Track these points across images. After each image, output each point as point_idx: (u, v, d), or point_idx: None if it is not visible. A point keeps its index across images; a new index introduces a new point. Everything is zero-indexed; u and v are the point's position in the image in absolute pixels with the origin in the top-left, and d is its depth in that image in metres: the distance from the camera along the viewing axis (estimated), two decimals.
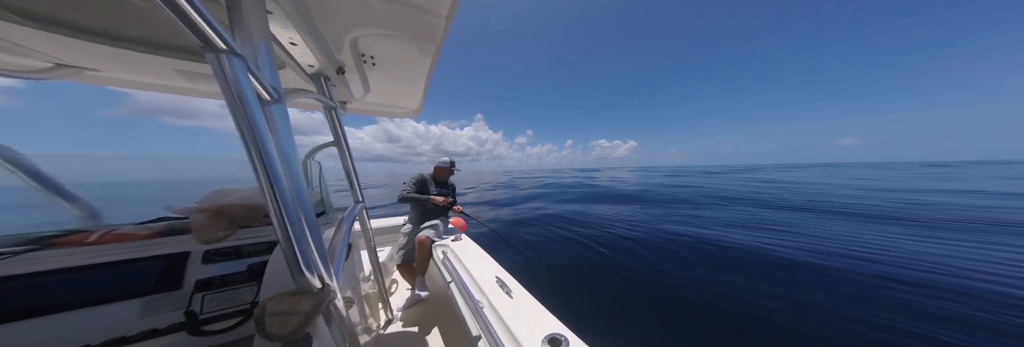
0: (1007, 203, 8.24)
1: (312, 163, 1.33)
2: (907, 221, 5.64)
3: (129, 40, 0.72)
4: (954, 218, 5.90)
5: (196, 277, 0.89)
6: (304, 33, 0.72)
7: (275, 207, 0.45)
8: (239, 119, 0.39)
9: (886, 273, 3.17)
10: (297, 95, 0.68)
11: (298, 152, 0.55)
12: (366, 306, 1.27)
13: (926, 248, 4.02)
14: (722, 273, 3.22)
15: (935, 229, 5.09)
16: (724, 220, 6.10)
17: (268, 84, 0.48)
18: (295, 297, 0.51)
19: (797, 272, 3.19)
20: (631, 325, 2.26)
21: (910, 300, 2.57)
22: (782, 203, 8.24)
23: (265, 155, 0.42)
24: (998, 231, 4.99)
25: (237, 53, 0.38)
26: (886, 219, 5.83)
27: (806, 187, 12.92)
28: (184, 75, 0.96)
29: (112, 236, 0.83)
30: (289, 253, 0.49)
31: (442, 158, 2.13)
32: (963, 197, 9.15)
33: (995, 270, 3.26)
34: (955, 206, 7.76)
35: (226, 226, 0.90)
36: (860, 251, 3.90)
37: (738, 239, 4.57)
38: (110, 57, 0.79)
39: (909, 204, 8.01)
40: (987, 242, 4.40)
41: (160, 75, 0.98)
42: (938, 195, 9.47)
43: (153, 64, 0.85)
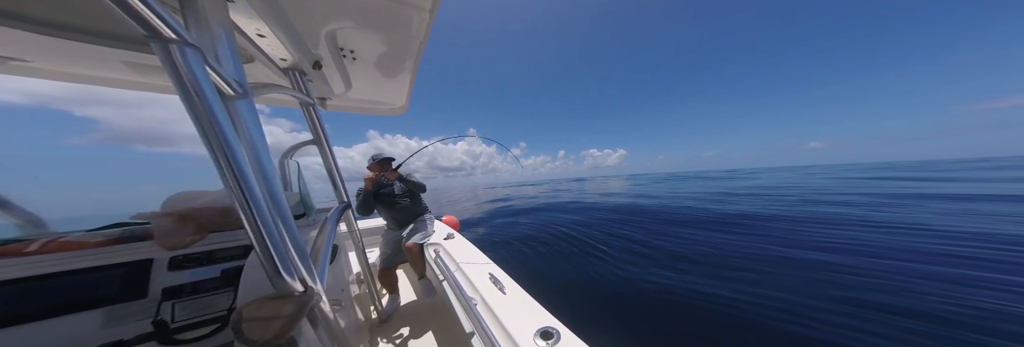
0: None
1: (290, 163, 1.26)
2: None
3: (61, 27, 0.63)
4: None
5: (163, 285, 0.83)
6: (272, 24, 0.67)
7: (245, 209, 0.42)
8: (197, 115, 0.36)
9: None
10: (267, 90, 0.64)
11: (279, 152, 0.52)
12: (357, 308, 1.25)
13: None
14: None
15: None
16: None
17: (230, 78, 0.44)
18: (276, 301, 0.49)
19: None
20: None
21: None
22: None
23: (230, 154, 0.39)
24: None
25: (190, 43, 0.35)
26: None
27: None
28: (133, 67, 0.87)
29: (57, 245, 0.75)
30: (266, 256, 0.46)
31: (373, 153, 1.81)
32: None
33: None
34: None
35: (194, 231, 0.84)
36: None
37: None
38: (40, 46, 0.70)
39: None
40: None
41: (105, 67, 0.87)
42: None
43: (94, 55, 0.76)
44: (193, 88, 0.36)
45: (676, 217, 6.71)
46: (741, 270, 3.28)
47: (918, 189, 11.41)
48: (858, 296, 2.60)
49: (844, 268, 3.23)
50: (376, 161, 1.75)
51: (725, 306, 2.48)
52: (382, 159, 1.76)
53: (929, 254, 3.65)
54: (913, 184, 14.30)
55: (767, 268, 3.31)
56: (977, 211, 6.59)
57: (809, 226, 5.28)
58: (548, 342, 0.76)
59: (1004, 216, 6.01)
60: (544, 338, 0.78)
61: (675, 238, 4.77)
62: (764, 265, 3.41)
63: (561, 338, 0.78)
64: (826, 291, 2.71)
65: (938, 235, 4.44)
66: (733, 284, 2.91)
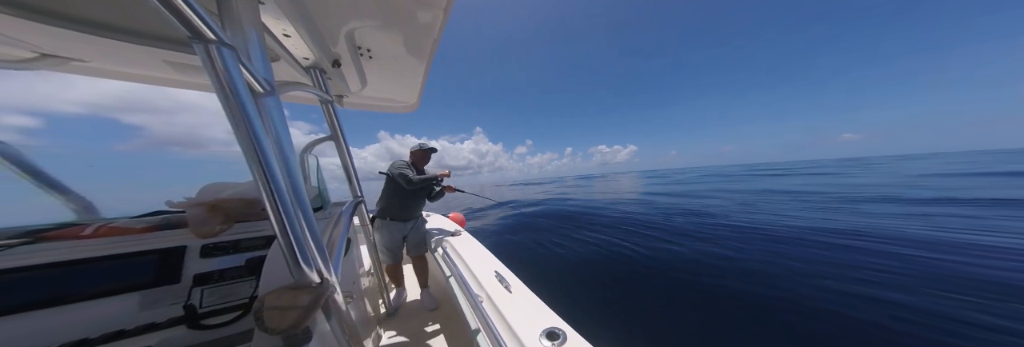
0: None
1: (309, 157, 1.31)
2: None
3: (115, 29, 0.69)
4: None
5: (194, 271, 0.89)
6: (298, 24, 0.70)
7: (271, 201, 0.44)
8: (231, 111, 0.39)
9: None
10: (291, 88, 0.67)
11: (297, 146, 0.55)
12: (366, 300, 1.29)
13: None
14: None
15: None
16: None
17: (260, 76, 0.47)
18: (294, 291, 0.51)
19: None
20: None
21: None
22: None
23: (259, 148, 0.41)
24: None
25: (227, 43, 0.37)
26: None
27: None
28: (174, 66, 0.94)
29: (107, 230, 0.82)
30: (287, 248, 0.48)
31: (418, 141, 1.88)
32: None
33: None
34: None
35: (222, 220, 0.90)
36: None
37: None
38: (96, 47, 0.77)
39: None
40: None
41: (149, 66, 0.95)
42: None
43: (141, 55, 0.83)
44: (228, 86, 0.38)
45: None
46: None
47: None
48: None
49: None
50: (423, 149, 1.84)
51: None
52: (428, 148, 1.85)
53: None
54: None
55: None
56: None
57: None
58: (554, 342, 0.75)
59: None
60: (550, 338, 0.77)
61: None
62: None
63: (567, 339, 0.76)
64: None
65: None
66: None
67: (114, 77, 1.04)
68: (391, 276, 1.79)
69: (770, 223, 5.38)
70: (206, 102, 39.38)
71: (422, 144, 1.83)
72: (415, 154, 1.81)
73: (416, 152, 1.81)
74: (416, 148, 1.81)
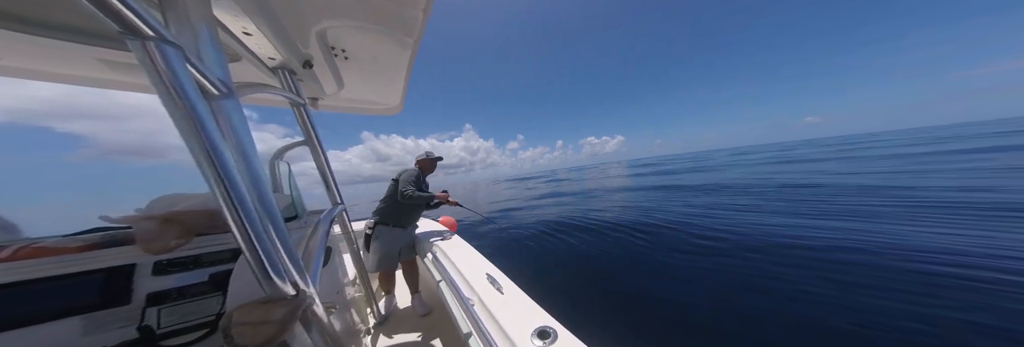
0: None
1: (280, 164, 1.23)
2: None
3: (33, 23, 0.60)
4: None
5: (147, 290, 0.81)
6: (259, 22, 0.66)
7: (232, 212, 0.41)
8: (178, 116, 0.35)
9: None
10: (253, 90, 0.62)
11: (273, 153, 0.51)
12: (353, 311, 1.23)
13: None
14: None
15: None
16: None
17: (213, 77, 0.43)
18: (267, 305, 0.48)
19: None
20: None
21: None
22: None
23: (215, 155, 0.38)
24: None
25: (169, 41, 0.34)
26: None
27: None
28: (111, 66, 0.84)
29: (30, 251, 0.72)
30: (255, 260, 0.45)
31: (426, 150, 1.98)
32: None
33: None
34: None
35: (179, 234, 0.82)
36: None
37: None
38: (12, 43, 0.66)
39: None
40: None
41: (81, 66, 0.84)
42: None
43: (69, 52, 0.73)
44: (173, 87, 0.34)
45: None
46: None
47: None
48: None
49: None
50: (430, 158, 1.92)
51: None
52: (435, 157, 1.95)
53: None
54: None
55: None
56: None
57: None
58: (545, 341, 0.77)
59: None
60: (541, 337, 0.78)
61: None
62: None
63: (558, 337, 0.78)
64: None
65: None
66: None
67: (36, 78, 0.91)
68: (385, 282, 1.76)
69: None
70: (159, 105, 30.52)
71: (429, 153, 1.94)
72: (422, 163, 1.90)
73: (424, 161, 1.90)
74: (423, 157, 1.91)
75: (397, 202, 1.69)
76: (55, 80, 0.94)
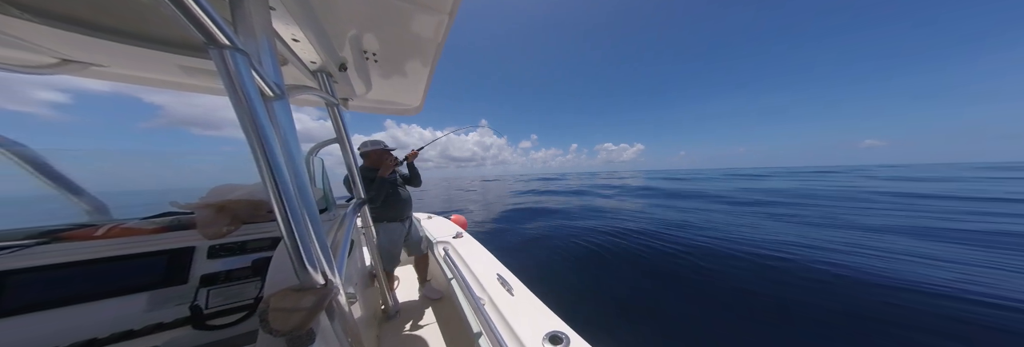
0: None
1: (315, 160, 1.33)
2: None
3: (133, 36, 0.72)
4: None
5: (201, 272, 0.90)
6: (306, 29, 0.72)
7: (278, 203, 0.45)
8: (242, 115, 0.39)
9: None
10: (299, 91, 0.68)
11: (302, 148, 0.56)
12: (368, 302, 1.29)
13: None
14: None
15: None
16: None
17: (271, 80, 0.48)
18: (298, 293, 0.51)
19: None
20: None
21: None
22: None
23: (268, 151, 0.42)
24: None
25: (240, 49, 0.38)
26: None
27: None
28: (187, 71, 0.96)
29: (119, 230, 0.84)
30: (292, 249, 0.49)
31: (369, 140, 1.58)
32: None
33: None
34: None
35: (230, 222, 0.91)
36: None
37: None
38: (114, 53, 0.79)
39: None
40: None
41: (164, 71, 0.98)
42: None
43: (157, 60, 0.85)
44: (241, 90, 0.39)
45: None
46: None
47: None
48: None
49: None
50: (380, 147, 1.54)
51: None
52: (381, 148, 1.58)
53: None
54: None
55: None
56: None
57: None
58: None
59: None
60: (553, 343, 0.76)
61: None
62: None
63: (570, 343, 0.75)
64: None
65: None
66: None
67: (130, 81, 1.07)
68: (423, 265, 1.81)
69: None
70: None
71: (377, 142, 1.56)
72: (369, 157, 1.55)
73: (371, 155, 1.54)
74: (367, 149, 1.54)
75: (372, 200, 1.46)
76: (144, 83, 1.10)
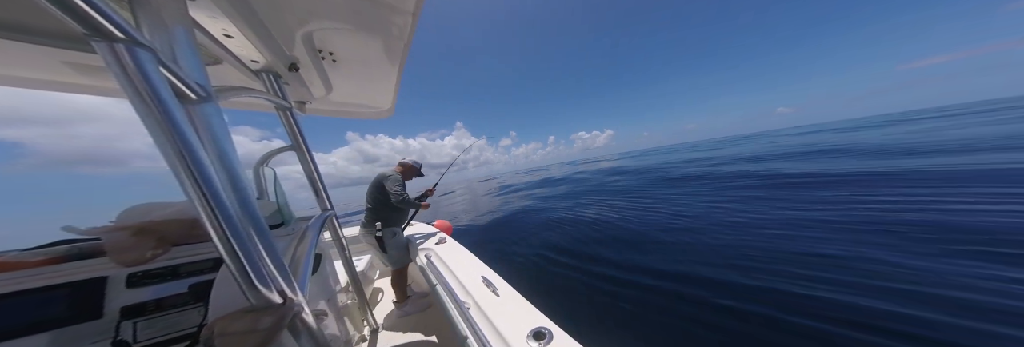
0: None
1: (265, 170, 1.19)
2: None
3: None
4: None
5: (121, 303, 0.77)
6: (240, 24, 0.64)
7: (212, 220, 0.39)
8: (150, 120, 0.33)
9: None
10: (235, 93, 0.61)
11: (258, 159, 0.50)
12: (345, 318, 1.19)
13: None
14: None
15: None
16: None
17: (190, 80, 0.42)
18: (253, 314, 0.46)
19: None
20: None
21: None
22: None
23: (192, 161, 0.36)
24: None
25: (141, 43, 0.32)
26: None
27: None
28: (78, 69, 0.79)
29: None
30: (238, 268, 0.44)
31: (411, 158, 1.98)
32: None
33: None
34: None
35: (155, 245, 0.78)
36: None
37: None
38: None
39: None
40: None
41: (45, 69, 0.79)
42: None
43: (33, 55, 0.69)
44: (145, 92, 0.33)
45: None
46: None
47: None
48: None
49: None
50: (415, 166, 1.92)
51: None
52: (419, 166, 1.96)
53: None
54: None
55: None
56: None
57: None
58: (540, 342, 0.77)
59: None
60: (536, 339, 0.78)
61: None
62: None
63: (553, 338, 0.78)
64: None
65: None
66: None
67: (2, 82, 0.85)
68: (401, 280, 1.74)
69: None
70: (117, 109, 29.01)
71: (416, 161, 1.95)
72: (407, 168, 1.89)
73: (409, 167, 1.89)
74: (414, 164, 1.91)
75: (390, 205, 1.72)
76: (17, 84, 0.88)
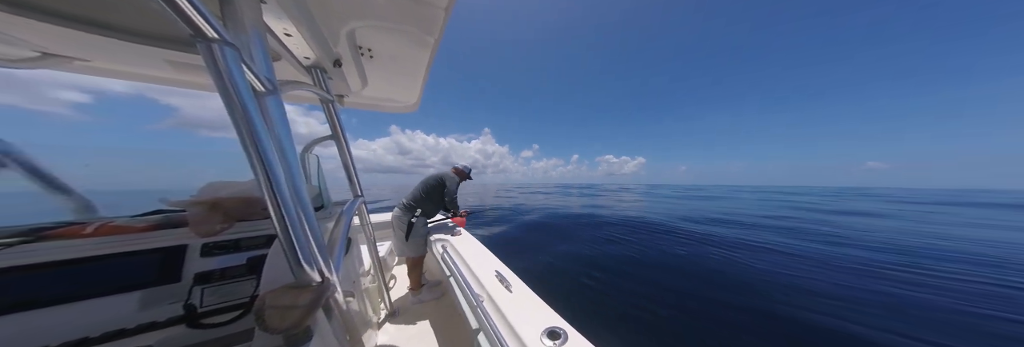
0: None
1: (310, 157, 1.31)
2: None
3: (118, 29, 0.69)
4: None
5: (195, 270, 0.89)
6: (299, 24, 0.70)
7: (272, 200, 0.44)
8: (233, 110, 0.39)
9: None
10: (293, 87, 0.67)
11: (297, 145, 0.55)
12: (366, 300, 1.29)
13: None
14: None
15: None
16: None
17: (262, 75, 0.47)
18: (295, 291, 0.51)
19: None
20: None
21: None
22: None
23: (260, 147, 0.41)
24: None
25: (229, 43, 0.37)
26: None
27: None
28: (175, 66, 0.94)
29: (108, 228, 0.82)
30: (288, 247, 0.48)
31: (463, 163, 2.18)
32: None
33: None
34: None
35: (223, 219, 0.90)
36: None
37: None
38: (99, 47, 0.77)
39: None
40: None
41: (151, 66, 0.95)
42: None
43: (143, 55, 0.83)
44: (231, 85, 0.38)
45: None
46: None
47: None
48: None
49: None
50: (468, 172, 2.12)
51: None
52: (470, 172, 2.17)
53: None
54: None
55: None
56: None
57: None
58: (556, 342, 0.75)
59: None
60: (552, 338, 0.77)
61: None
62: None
63: (569, 339, 0.76)
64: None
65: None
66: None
67: (117, 76, 1.04)
68: (416, 269, 1.85)
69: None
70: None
71: (467, 166, 2.15)
72: (460, 173, 2.08)
73: (462, 173, 2.09)
74: (465, 170, 2.11)
75: (437, 201, 1.91)
76: (131, 79, 1.07)
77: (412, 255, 1.81)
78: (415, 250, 1.82)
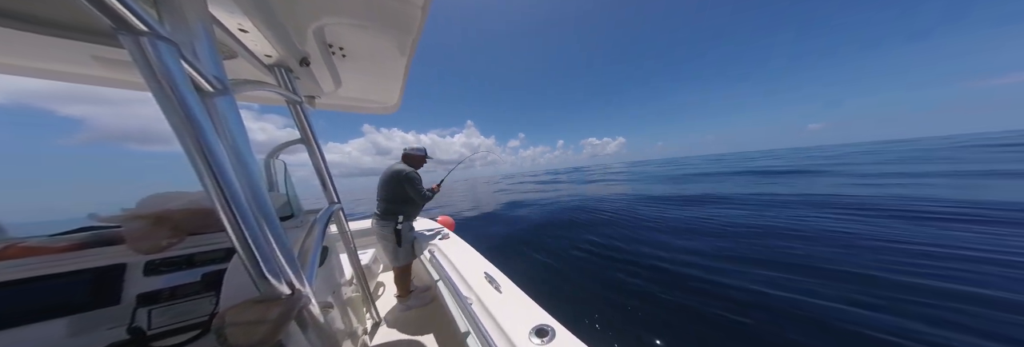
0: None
1: (276, 163, 1.22)
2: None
3: (24, 19, 0.59)
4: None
5: (138, 290, 0.79)
6: (255, 19, 0.65)
7: (226, 210, 0.40)
8: (170, 112, 0.35)
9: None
10: (249, 87, 0.62)
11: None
12: (350, 310, 1.21)
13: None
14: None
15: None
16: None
17: (209, 74, 0.43)
18: (262, 305, 0.47)
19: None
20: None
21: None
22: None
23: (208, 153, 0.37)
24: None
25: (163, 37, 0.34)
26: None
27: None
28: (104, 63, 0.82)
29: (16, 250, 0.70)
30: (249, 259, 0.45)
31: (411, 146, 1.94)
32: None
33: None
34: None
35: (171, 234, 0.81)
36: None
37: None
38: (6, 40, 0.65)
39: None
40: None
41: (74, 62, 0.83)
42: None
43: (64, 49, 0.72)
44: (167, 84, 0.34)
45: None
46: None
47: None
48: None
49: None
50: (419, 154, 1.87)
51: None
52: (423, 153, 1.91)
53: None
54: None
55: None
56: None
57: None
58: (543, 340, 0.76)
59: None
60: (539, 336, 0.78)
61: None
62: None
63: (556, 335, 0.78)
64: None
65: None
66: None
67: (30, 74, 0.89)
68: (404, 276, 1.76)
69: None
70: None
71: (417, 148, 1.90)
72: (413, 159, 1.85)
73: (415, 158, 1.84)
74: (416, 152, 1.85)
75: (407, 199, 1.76)
76: (49, 77, 0.92)
77: (403, 263, 1.74)
78: (405, 257, 1.75)
